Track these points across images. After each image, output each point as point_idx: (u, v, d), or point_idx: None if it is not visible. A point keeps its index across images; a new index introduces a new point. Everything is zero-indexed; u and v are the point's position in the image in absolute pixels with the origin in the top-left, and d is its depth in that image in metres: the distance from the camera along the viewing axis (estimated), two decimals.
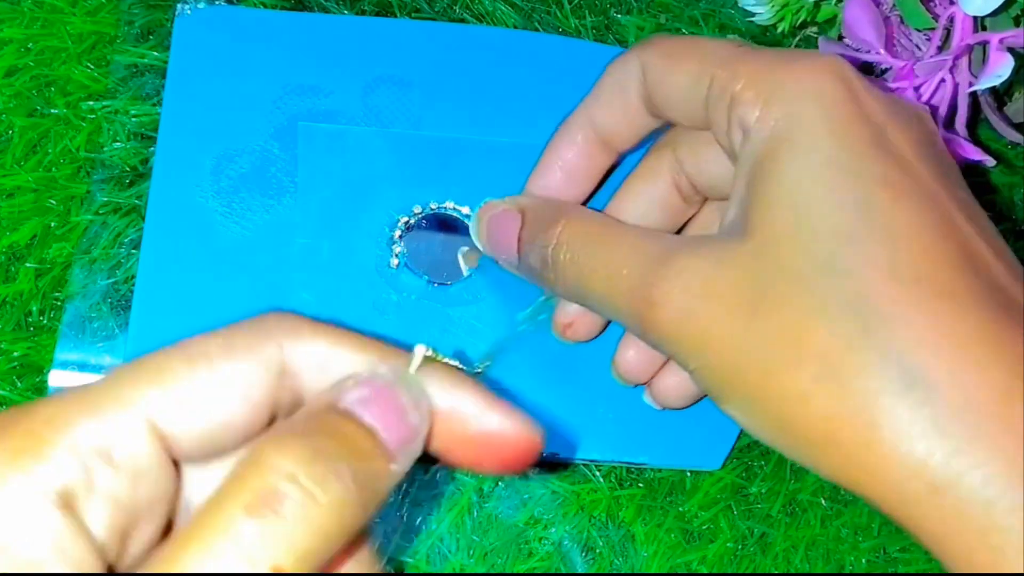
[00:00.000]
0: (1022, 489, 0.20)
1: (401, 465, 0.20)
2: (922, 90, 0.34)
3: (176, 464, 0.20)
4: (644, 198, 0.30)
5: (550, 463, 0.32)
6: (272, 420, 0.20)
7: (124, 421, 0.18)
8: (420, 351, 0.21)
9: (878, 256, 0.22)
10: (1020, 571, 0.20)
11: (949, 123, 0.34)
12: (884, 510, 0.22)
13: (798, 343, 0.22)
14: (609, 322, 0.31)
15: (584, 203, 0.31)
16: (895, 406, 0.21)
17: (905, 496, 0.22)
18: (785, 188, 0.23)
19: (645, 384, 0.31)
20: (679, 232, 0.31)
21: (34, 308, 0.31)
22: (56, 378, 0.30)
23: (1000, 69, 0.31)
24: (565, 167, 0.30)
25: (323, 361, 0.21)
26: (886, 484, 0.22)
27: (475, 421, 0.21)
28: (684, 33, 0.37)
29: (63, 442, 0.18)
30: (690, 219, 0.31)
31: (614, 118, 0.30)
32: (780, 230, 0.23)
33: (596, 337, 0.31)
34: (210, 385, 0.19)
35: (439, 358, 0.21)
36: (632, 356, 0.30)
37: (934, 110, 0.34)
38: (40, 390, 0.30)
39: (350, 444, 0.19)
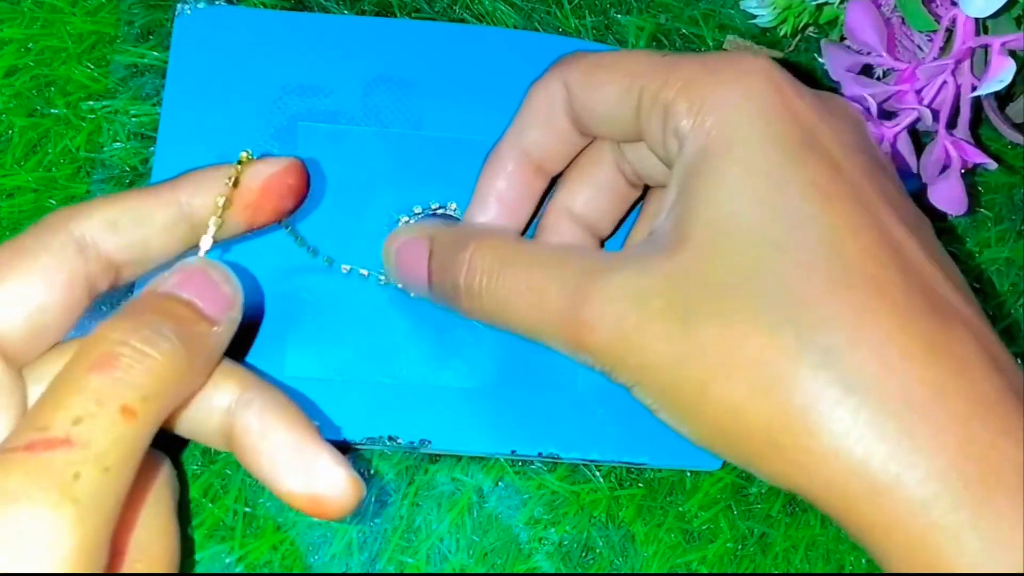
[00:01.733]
0: (960, 488, 0.21)
1: (225, 328, 0.25)
2: (924, 92, 0.34)
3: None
4: (590, 183, 0.30)
5: (550, 464, 0.32)
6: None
7: None
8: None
9: (809, 261, 0.23)
10: (958, 570, 0.21)
11: (951, 125, 0.35)
12: (828, 512, 0.23)
13: (731, 355, 0.22)
14: None
15: (524, 230, 0.31)
16: (833, 411, 0.22)
17: (847, 499, 0.22)
18: (715, 200, 0.24)
19: None
20: (625, 217, 0.31)
21: None
22: None
23: (1002, 74, 0.31)
24: (500, 197, 0.30)
25: (109, 226, 0.25)
26: (828, 488, 0.22)
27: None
28: (684, 33, 0.37)
29: None
30: (636, 203, 0.31)
31: (544, 141, 0.29)
32: (710, 243, 0.23)
33: None
34: (23, 282, 0.24)
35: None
36: None
37: (936, 112, 0.34)
38: None
39: (171, 313, 0.24)
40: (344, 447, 0.31)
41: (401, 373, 0.31)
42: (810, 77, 0.38)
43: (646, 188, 0.31)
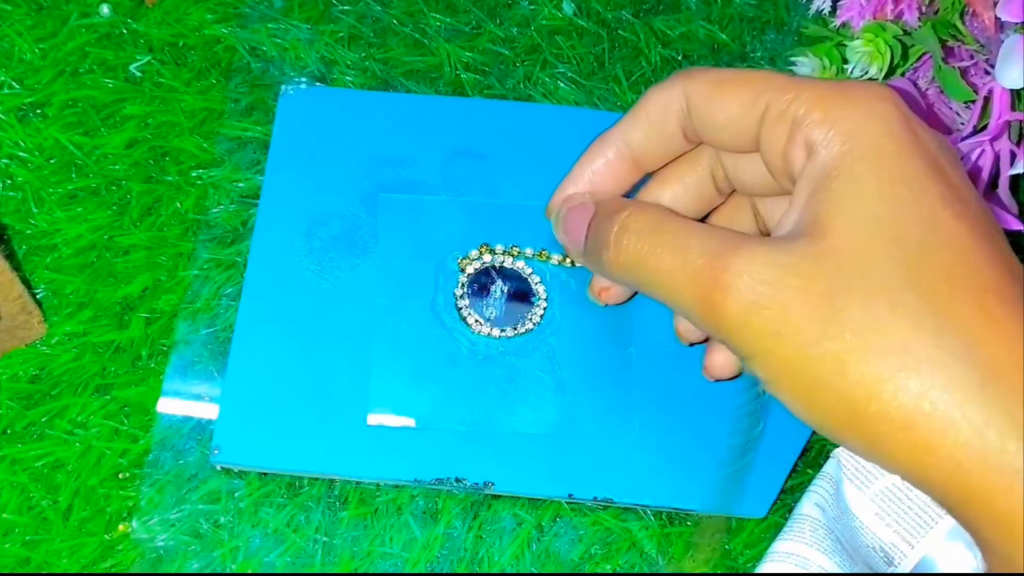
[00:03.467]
0: None
1: None
2: (964, 161, 0.36)
3: None
4: (681, 181, 0.32)
5: (604, 505, 0.34)
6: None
7: None
8: None
9: (948, 266, 0.24)
10: None
11: (993, 185, 0.36)
12: (948, 501, 0.24)
13: (876, 336, 0.24)
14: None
15: None
16: (974, 399, 0.23)
17: (975, 485, 0.23)
18: (857, 198, 0.25)
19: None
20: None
21: (143, 353, 0.34)
22: (164, 405, 0.34)
23: None
24: (594, 179, 0.32)
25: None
26: (954, 473, 0.23)
27: None
28: None
29: None
30: (714, 210, 0.33)
31: (647, 142, 0.31)
32: (854, 234, 0.25)
33: (627, 300, 0.34)
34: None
35: None
36: (720, 359, 0.32)
37: (977, 176, 0.36)
38: (147, 428, 0.33)
39: None
40: (415, 486, 0.33)
41: (469, 421, 0.33)
42: None
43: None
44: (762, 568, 0.32)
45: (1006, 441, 0.23)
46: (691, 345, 0.33)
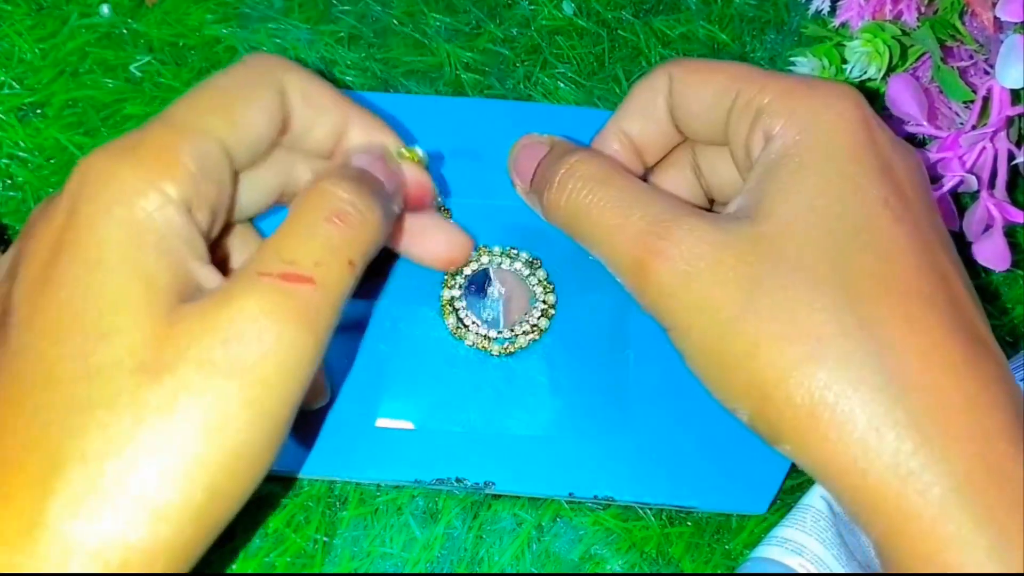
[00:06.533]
0: (972, 492, 0.22)
1: (399, 205, 0.29)
2: (965, 158, 0.36)
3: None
4: (671, 184, 0.32)
5: (605, 504, 0.34)
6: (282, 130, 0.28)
7: (209, 146, 0.25)
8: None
9: (876, 266, 0.25)
10: (958, 569, 0.22)
11: (991, 185, 0.36)
12: (843, 496, 0.24)
13: (795, 322, 0.24)
14: None
15: None
16: (874, 398, 0.23)
17: (870, 482, 0.23)
18: (801, 188, 0.26)
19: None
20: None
21: None
22: None
23: None
24: None
25: (305, 90, 0.28)
26: (851, 467, 0.23)
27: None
28: None
29: (181, 166, 0.24)
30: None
31: (644, 129, 0.31)
32: (794, 222, 0.25)
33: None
34: (254, 111, 0.27)
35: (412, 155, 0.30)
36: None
37: (977, 175, 0.36)
38: None
39: (377, 185, 0.27)
40: (416, 486, 0.33)
41: (469, 422, 0.33)
42: None
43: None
44: (759, 552, 0.32)
45: (902, 442, 0.23)
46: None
